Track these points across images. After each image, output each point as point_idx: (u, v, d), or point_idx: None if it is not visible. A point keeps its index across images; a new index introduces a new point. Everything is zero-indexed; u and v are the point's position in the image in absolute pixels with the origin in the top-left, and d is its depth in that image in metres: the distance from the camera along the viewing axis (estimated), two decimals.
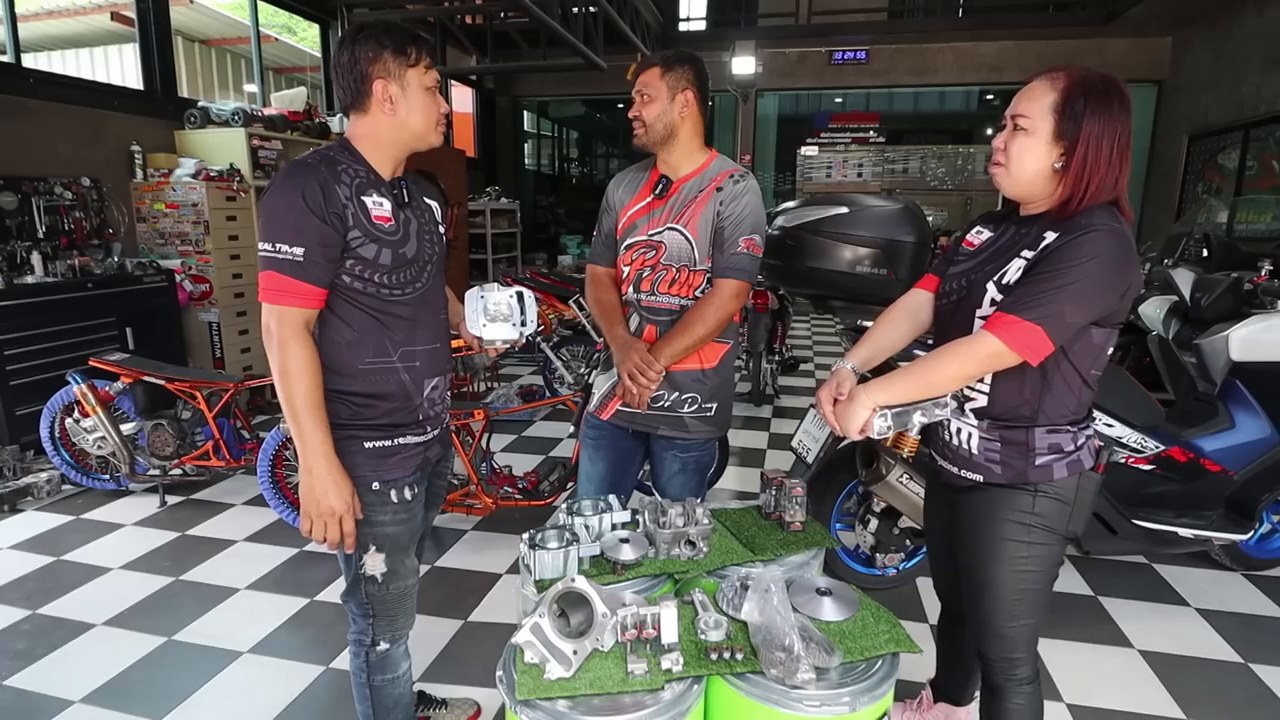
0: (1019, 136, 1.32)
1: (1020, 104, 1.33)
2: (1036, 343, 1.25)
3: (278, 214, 1.32)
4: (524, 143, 12.07)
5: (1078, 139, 1.27)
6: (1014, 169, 1.34)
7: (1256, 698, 2.14)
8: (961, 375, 1.33)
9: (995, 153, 1.37)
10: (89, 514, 3.33)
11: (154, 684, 2.16)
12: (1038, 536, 1.41)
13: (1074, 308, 1.25)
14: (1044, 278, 1.26)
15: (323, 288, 1.37)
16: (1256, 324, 2.60)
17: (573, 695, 1.19)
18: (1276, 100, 6.56)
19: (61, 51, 7.60)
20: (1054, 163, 1.30)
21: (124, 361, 3.38)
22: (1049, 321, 1.24)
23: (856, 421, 1.34)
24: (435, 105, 1.46)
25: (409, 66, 1.41)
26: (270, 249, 1.32)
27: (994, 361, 1.29)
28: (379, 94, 1.40)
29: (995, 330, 1.27)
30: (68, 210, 4.31)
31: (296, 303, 1.34)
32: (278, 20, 7.85)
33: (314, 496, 1.37)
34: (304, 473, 1.38)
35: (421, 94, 1.43)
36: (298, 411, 1.35)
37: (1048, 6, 9.40)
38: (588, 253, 2.11)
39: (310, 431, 1.36)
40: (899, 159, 12.59)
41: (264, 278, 1.34)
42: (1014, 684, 1.50)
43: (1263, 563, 2.84)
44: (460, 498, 3.02)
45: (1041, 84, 1.31)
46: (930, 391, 1.34)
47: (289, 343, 1.34)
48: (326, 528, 1.39)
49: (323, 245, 1.33)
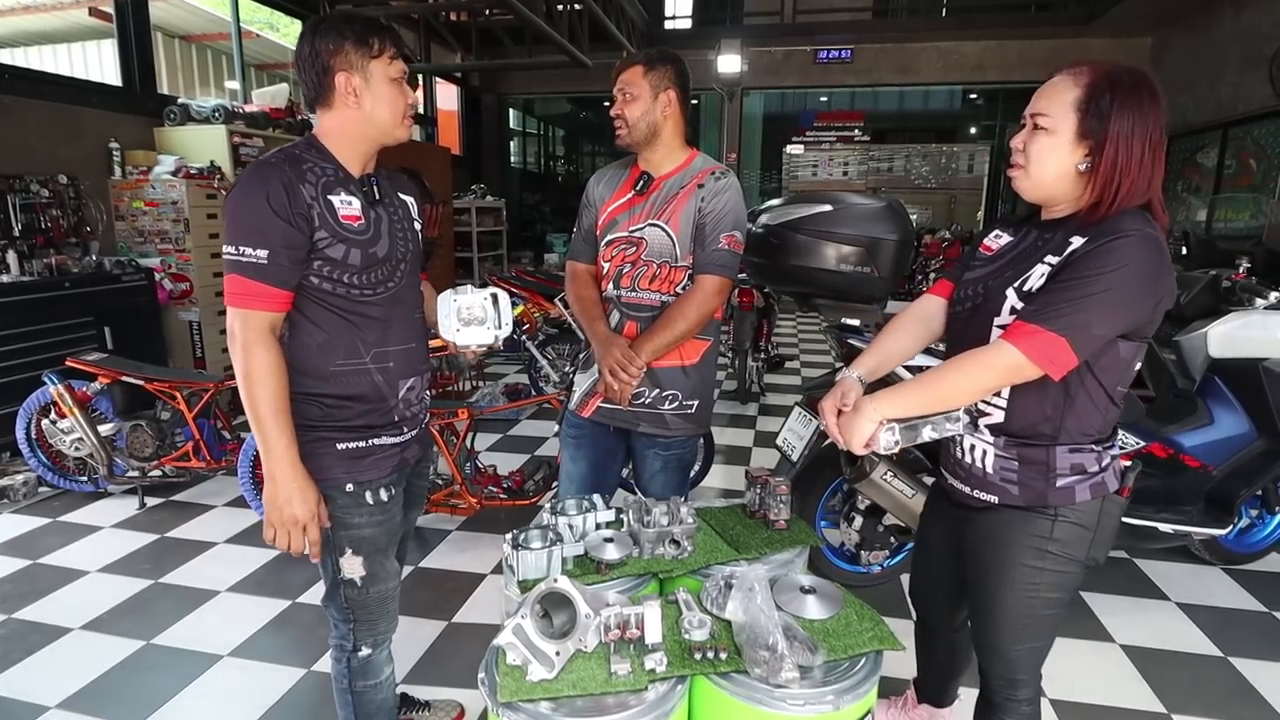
0: (1039, 136, 1.24)
1: (1039, 101, 1.24)
2: (1059, 355, 1.16)
3: (241, 216, 1.30)
4: (509, 141, 12.04)
5: (1105, 138, 1.18)
6: (1034, 171, 1.25)
7: (1236, 690, 2.17)
8: (977, 388, 1.25)
9: (1013, 154, 1.28)
10: (66, 516, 3.28)
11: (132, 689, 2.13)
12: (1054, 563, 1.33)
13: (1101, 319, 1.16)
14: (1069, 286, 1.17)
15: (288, 290, 1.34)
16: (1234, 321, 2.63)
17: (555, 697, 1.18)
18: (1254, 100, 6.65)
19: (39, 47, 7.48)
20: (1077, 164, 1.22)
21: (102, 361, 3.32)
22: (1073, 333, 1.15)
23: (862, 435, 1.26)
24: (401, 97, 1.41)
25: (371, 57, 1.36)
26: (234, 252, 1.30)
27: (1013, 374, 1.21)
28: (342, 87, 1.36)
29: (1015, 340, 1.18)
30: (44, 208, 4.23)
31: (261, 306, 1.31)
32: (259, 16, 7.76)
33: (276, 504, 1.35)
34: (267, 480, 1.35)
35: (386, 85, 1.39)
36: (261, 418, 1.32)
37: (1029, 7, 9.49)
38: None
39: (274, 438, 1.33)
40: (884, 157, 12.70)
41: (228, 281, 1.32)
42: (1013, 703, 1.45)
43: (1241, 557, 2.87)
44: (444, 497, 3.00)
45: (1064, 79, 1.23)
46: (942, 404, 1.25)
47: (253, 347, 1.32)
48: (290, 536, 1.36)
49: (287, 247, 1.30)
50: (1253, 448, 2.60)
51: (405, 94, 1.43)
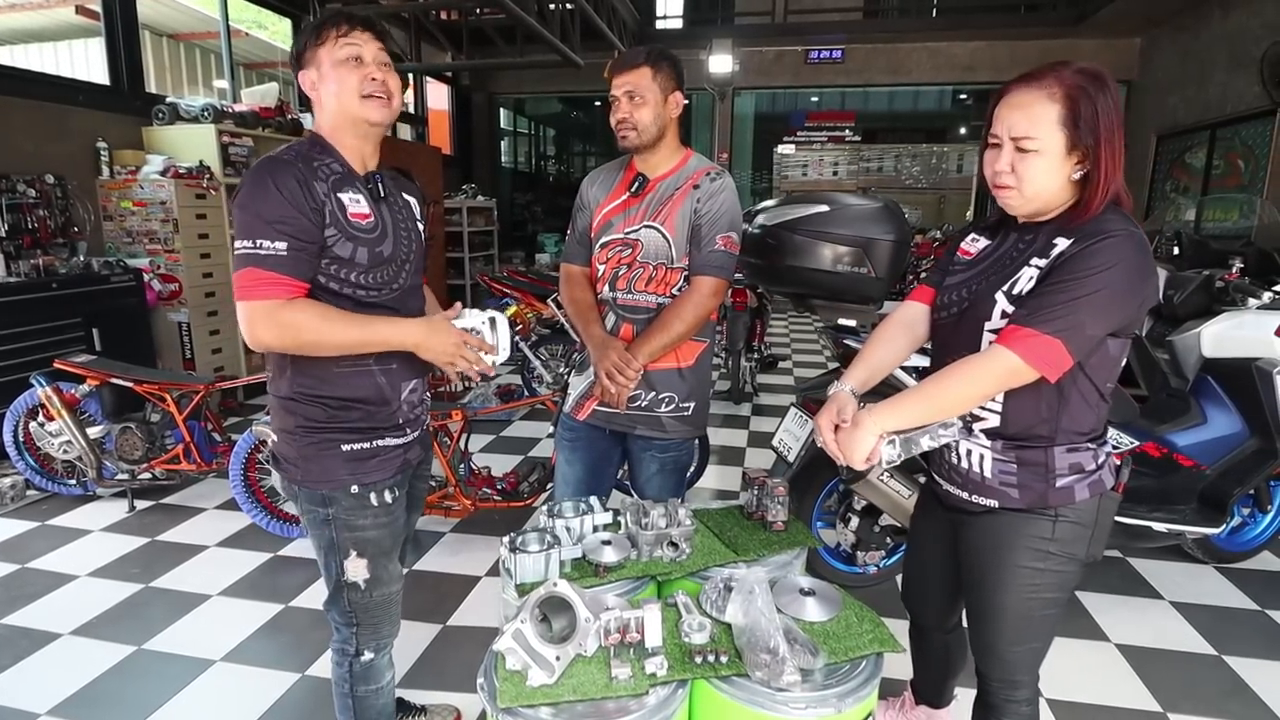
0: (1029, 159, 1.22)
1: (1020, 124, 1.21)
2: (1056, 357, 1.17)
3: (259, 209, 1.28)
4: (501, 140, 12.00)
5: (1096, 144, 1.18)
6: (1028, 190, 1.24)
7: (1231, 689, 2.18)
8: (977, 395, 1.25)
9: (998, 176, 1.26)
10: (55, 520, 3.24)
11: (123, 694, 2.10)
12: (1054, 564, 1.33)
13: (1094, 319, 1.17)
14: (1061, 288, 1.18)
15: (306, 284, 1.32)
16: (1228, 321, 2.65)
17: (556, 702, 1.18)
18: (1241, 100, 6.71)
19: (24, 45, 7.39)
20: (1071, 175, 1.22)
21: (90, 363, 3.29)
22: (1069, 335, 1.16)
23: (863, 449, 1.24)
24: (353, 75, 1.35)
25: (319, 47, 1.35)
26: (250, 245, 1.27)
27: (1011, 379, 1.21)
28: (306, 85, 1.38)
29: (1011, 345, 1.18)
30: (31, 208, 4.18)
31: (283, 294, 1.28)
32: (248, 15, 7.69)
33: (434, 354, 1.39)
34: (414, 350, 1.39)
35: (334, 69, 1.35)
36: (356, 343, 1.34)
37: (1019, 7, 9.53)
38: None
39: (379, 332, 1.36)
40: (874, 157, 12.74)
41: (245, 275, 1.28)
42: (1012, 704, 1.45)
43: (1234, 556, 2.89)
44: (438, 499, 2.98)
45: (1038, 98, 1.20)
46: (942, 414, 1.25)
47: (287, 317, 1.28)
48: (464, 359, 1.39)
49: (307, 241, 1.30)
50: (1245, 447, 2.61)
51: (359, 72, 1.36)
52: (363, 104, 1.37)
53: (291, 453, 1.44)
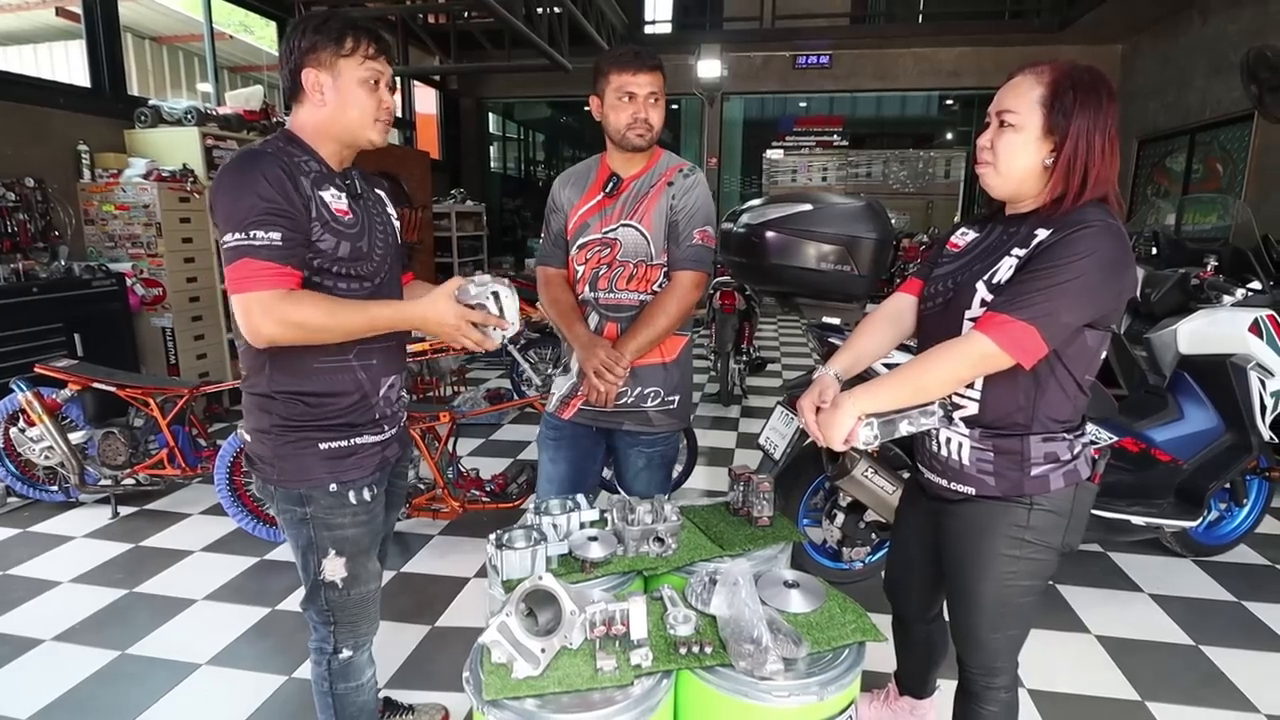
0: (1006, 133, 1.27)
1: (1006, 99, 1.28)
2: (1030, 343, 1.19)
3: (247, 200, 1.26)
4: (489, 145, 11.98)
5: (1068, 133, 1.22)
6: (1003, 167, 1.29)
7: (1208, 678, 2.21)
8: (952, 378, 1.27)
9: (981, 151, 1.31)
10: (36, 527, 3.21)
11: (107, 700, 2.09)
12: (1030, 551, 1.36)
13: (1069, 307, 1.20)
14: (1037, 276, 1.21)
15: (300, 273, 1.31)
16: (1202, 318, 2.70)
17: (541, 694, 1.18)
18: (1220, 105, 6.81)
19: (3, 47, 7.33)
20: (1044, 159, 1.26)
21: (72, 368, 3.26)
22: (1043, 321, 1.19)
23: (841, 430, 1.27)
24: (371, 99, 1.38)
25: (341, 56, 1.34)
26: (243, 237, 1.25)
27: (985, 363, 1.23)
28: (309, 83, 1.35)
29: (986, 330, 1.21)
30: (10, 212, 4.13)
31: (280, 284, 1.27)
32: (233, 18, 7.66)
33: (439, 329, 1.37)
34: (419, 326, 1.38)
35: (354, 86, 1.36)
36: (363, 327, 1.33)
37: (1004, 14, 9.64)
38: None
39: (382, 315, 1.34)
40: (862, 162, 12.83)
41: (240, 267, 1.25)
42: (991, 692, 1.47)
43: (1211, 548, 2.94)
44: (426, 502, 2.98)
45: (1026, 78, 1.26)
46: (919, 396, 1.27)
47: (291, 310, 1.26)
48: (468, 336, 1.37)
49: (297, 230, 1.29)
50: (1220, 442, 2.66)
51: (379, 97, 1.39)
52: (369, 127, 1.40)
53: (267, 452, 1.42)
